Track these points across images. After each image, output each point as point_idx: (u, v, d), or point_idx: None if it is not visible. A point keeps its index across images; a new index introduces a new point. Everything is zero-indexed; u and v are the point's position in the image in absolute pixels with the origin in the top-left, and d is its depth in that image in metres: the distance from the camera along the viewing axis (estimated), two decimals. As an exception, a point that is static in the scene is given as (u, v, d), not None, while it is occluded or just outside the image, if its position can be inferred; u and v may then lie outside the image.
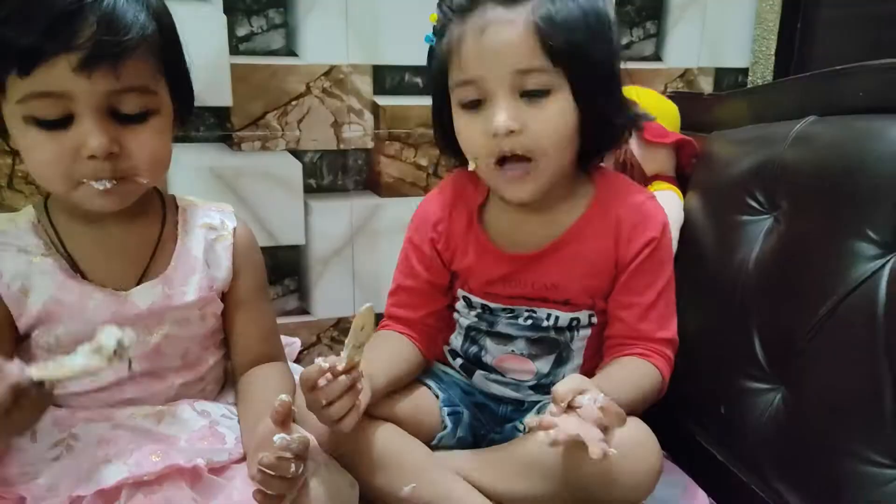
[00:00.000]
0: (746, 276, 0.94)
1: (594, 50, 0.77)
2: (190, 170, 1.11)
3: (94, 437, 0.73)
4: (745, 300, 0.94)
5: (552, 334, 0.90)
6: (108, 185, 0.71)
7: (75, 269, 0.77)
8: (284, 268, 1.20)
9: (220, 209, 0.88)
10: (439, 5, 0.82)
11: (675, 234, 1.07)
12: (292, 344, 1.12)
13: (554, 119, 0.78)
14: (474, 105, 0.79)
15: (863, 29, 1.19)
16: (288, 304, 1.22)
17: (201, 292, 0.81)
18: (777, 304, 0.89)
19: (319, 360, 0.71)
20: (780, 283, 0.89)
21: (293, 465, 0.66)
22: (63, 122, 0.69)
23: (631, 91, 0.87)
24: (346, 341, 0.71)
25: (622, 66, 0.83)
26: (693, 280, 1.05)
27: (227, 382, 0.91)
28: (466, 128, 0.81)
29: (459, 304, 0.94)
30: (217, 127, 1.12)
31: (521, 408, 0.94)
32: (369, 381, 0.77)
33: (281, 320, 1.18)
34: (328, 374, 0.70)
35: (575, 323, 0.89)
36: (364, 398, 0.75)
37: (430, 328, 0.95)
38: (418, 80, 1.18)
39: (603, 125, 0.81)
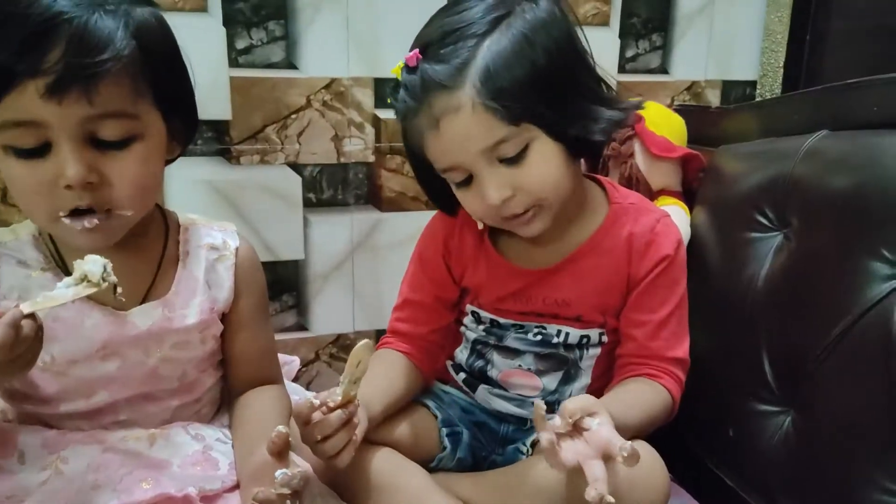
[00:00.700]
0: (755, 294, 0.92)
1: (554, 81, 0.74)
2: (187, 184, 1.09)
3: (85, 461, 0.71)
4: (754, 319, 0.91)
5: (561, 351, 0.88)
6: (89, 225, 0.67)
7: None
8: (283, 283, 1.18)
9: (222, 228, 0.86)
10: (390, 97, 0.81)
11: (681, 250, 1.05)
12: (291, 363, 1.11)
13: (542, 169, 0.76)
14: (465, 183, 0.79)
15: (875, 41, 1.17)
16: (286, 320, 1.21)
17: (202, 315, 0.79)
18: (787, 325, 0.87)
19: (311, 397, 0.69)
20: (791, 302, 0.87)
21: (289, 501, 0.64)
22: (40, 151, 0.65)
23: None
24: (342, 377, 0.70)
25: (627, 78, 0.81)
26: (700, 298, 1.02)
27: (222, 404, 0.89)
28: (465, 200, 0.81)
29: (467, 319, 0.93)
30: (215, 140, 1.10)
31: (523, 427, 0.92)
32: (365, 409, 0.75)
33: (279, 337, 1.17)
34: (323, 408, 0.69)
35: (585, 340, 0.88)
36: (360, 431, 0.73)
37: (433, 345, 0.93)
38: (420, 92, 1.16)
39: (589, 135, 0.77)
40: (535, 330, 0.88)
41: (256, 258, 0.87)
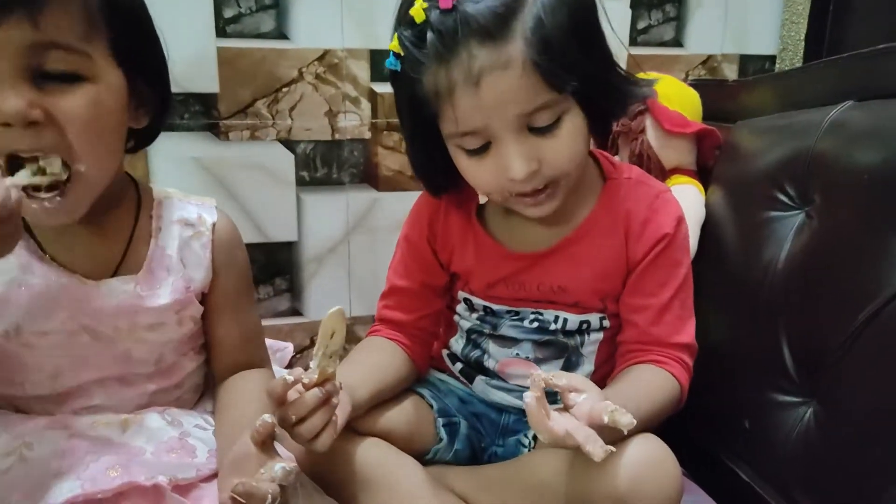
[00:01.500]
0: (774, 277, 0.87)
1: (593, 55, 0.70)
2: (173, 160, 1.05)
3: (50, 448, 0.67)
4: (773, 304, 0.86)
5: (560, 338, 0.84)
6: (52, 204, 0.62)
7: (42, 251, 0.71)
8: (276, 266, 1.14)
9: (199, 203, 0.81)
10: (400, 40, 0.70)
11: (695, 231, 1.01)
12: (284, 349, 1.07)
13: (569, 143, 0.71)
14: (480, 150, 0.72)
15: (903, 9, 1.10)
16: (280, 304, 1.16)
17: (176, 294, 0.75)
18: (809, 309, 0.82)
19: (285, 374, 0.64)
20: (813, 285, 0.82)
21: (271, 495, 0.60)
22: None
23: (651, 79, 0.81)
24: (315, 350, 0.64)
25: (639, 51, 0.76)
26: (715, 282, 0.98)
27: (206, 390, 0.85)
28: (475, 171, 0.74)
29: (460, 307, 0.89)
30: (203, 115, 1.05)
31: (524, 417, 0.86)
32: (350, 393, 0.71)
33: (272, 322, 1.13)
34: (299, 387, 0.63)
35: (585, 326, 0.83)
36: (342, 413, 0.68)
37: (425, 332, 0.89)
38: (419, 65, 1.10)
39: (616, 109, 0.76)
40: (532, 316, 0.84)
41: (237, 235, 0.82)
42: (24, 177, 0.61)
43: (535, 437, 0.84)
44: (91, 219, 0.69)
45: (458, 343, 0.90)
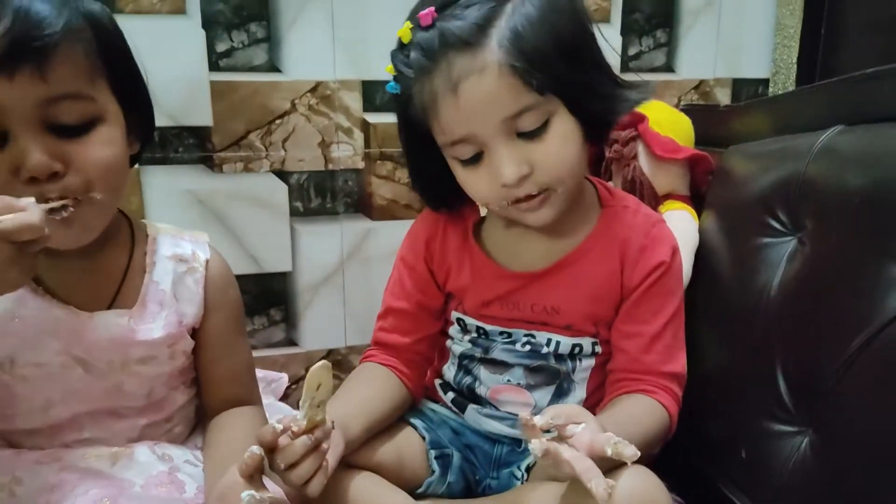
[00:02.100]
0: (768, 304, 0.85)
1: (578, 50, 0.70)
2: (168, 193, 1.05)
3: (40, 482, 0.68)
4: (768, 331, 0.85)
5: (552, 363, 0.83)
6: (65, 213, 0.64)
7: (37, 282, 0.71)
8: (270, 296, 1.14)
9: (193, 238, 0.82)
10: (393, 61, 0.74)
11: (689, 257, 1.00)
12: (279, 380, 1.07)
13: (560, 147, 0.72)
14: (473, 160, 0.73)
15: (895, 32, 1.10)
16: (274, 335, 1.16)
17: (169, 328, 0.75)
18: (803, 336, 0.80)
19: (274, 422, 0.64)
20: (806, 312, 0.80)
21: None
22: None
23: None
24: (301, 402, 0.64)
25: (630, 76, 0.78)
26: (709, 308, 0.97)
27: (198, 423, 0.85)
28: (471, 181, 0.75)
29: (453, 329, 0.88)
30: (196, 148, 1.06)
31: (517, 449, 0.86)
32: (343, 428, 0.71)
33: (267, 353, 1.12)
34: (288, 433, 0.63)
35: (577, 350, 0.83)
36: (333, 455, 0.68)
37: (420, 357, 0.89)
38: (411, 95, 1.11)
39: (608, 113, 0.75)
40: (524, 339, 0.83)
41: (229, 273, 0.83)
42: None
43: (527, 469, 0.82)
44: (86, 253, 0.71)
45: (450, 370, 0.90)
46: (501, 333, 0.84)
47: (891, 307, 0.69)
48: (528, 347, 0.83)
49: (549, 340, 0.82)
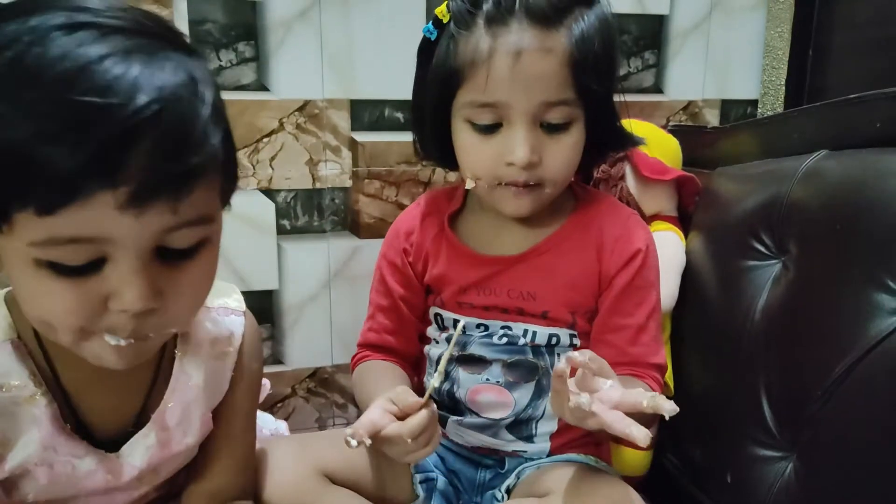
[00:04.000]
0: (753, 327, 0.85)
1: (612, 78, 0.77)
2: (154, 211, 1.04)
3: None
4: (752, 355, 0.85)
5: (530, 357, 0.82)
6: (123, 343, 0.53)
7: (70, 412, 0.62)
8: (257, 314, 1.07)
9: (227, 309, 0.70)
10: (451, 3, 0.76)
11: (675, 278, 1.00)
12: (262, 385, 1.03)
13: (569, 151, 0.76)
14: (489, 129, 0.75)
15: (883, 54, 1.10)
16: (260, 353, 1.14)
17: (204, 427, 0.67)
18: (786, 361, 0.80)
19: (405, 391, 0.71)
20: (790, 336, 0.80)
21: None
22: (91, 267, 0.49)
23: (629, 125, 0.83)
24: (437, 371, 0.70)
25: (617, 98, 0.80)
26: (695, 330, 0.97)
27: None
28: (475, 149, 0.77)
29: (431, 329, 0.89)
30: (183, 165, 1.05)
31: (500, 470, 0.86)
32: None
33: (253, 371, 1.11)
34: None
35: (555, 341, 0.82)
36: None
37: (412, 358, 0.91)
38: (399, 115, 1.11)
39: (604, 139, 0.81)
40: (501, 332, 0.83)
41: (260, 345, 0.75)
42: None
43: (507, 491, 0.82)
44: None
45: (429, 379, 0.89)
46: (479, 326, 0.84)
47: (873, 333, 0.69)
48: (504, 340, 0.83)
49: (526, 331, 0.82)
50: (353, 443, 0.64)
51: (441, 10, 0.76)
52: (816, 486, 0.74)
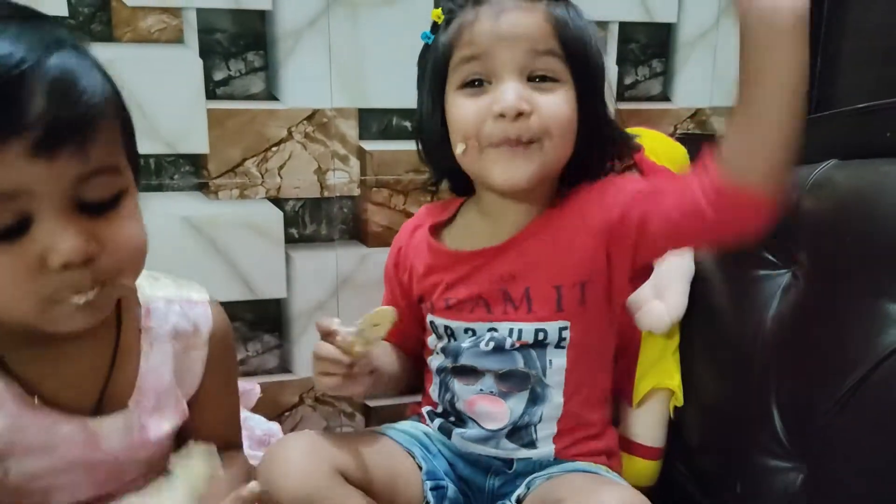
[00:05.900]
0: (763, 338, 0.85)
1: (594, 60, 0.80)
2: (163, 220, 1.05)
3: None
4: (763, 365, 0.84)
5: (521, 366, 0.82)
6: (90, 296, 0.56)
7: (30, 392, 0.63)
8: (265, 323, 1.13)
9: (190, 301, 0.74)
10: (443, 4, 0.80)
11: (685, 288, 0.99)
12: (250, 391, 1.03)
13: (562, 105, 0.77)
14: (477, 84, 0.77)
15: (891, 63, 1.10)
16: (268, 362, 1.15)
17: (178, 415, 0.72)
18: (797, 372, 0.80)
19: (336, 324, 0.76)
20: (801, 348, 0.80)
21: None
22: (17, 229, 0.52)
23: (636, 133, 0.85)
24: (358, 324, 0.73)
25: (626, 105, 0.82)
26: (706, 340, 0.97)
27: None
28: (464, 110, 0.78)
29: (431, 339, 0.89)
30: (192, 174, 1.06)
31: (508, 472, 0.85)
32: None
33: (261, 380, 1.12)
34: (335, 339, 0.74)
35: (542, 336, 0.81)
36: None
37: (418, 362, 0.93)
38: (407, 123, 1.12)
39: (597, 134, 0.81)
40: (488, 335, 0.83)
41: (230, 335, 0.77)
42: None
43: (518, 501, 0.82)
44: (74, 337, 0.61)
45: (434, 392, 0.90)
46: (466, 331, 0.84)
47: (884, 345, 0.69)
48: (492, 345, 0.82)
49: (511, 330, 0.82)
50: None
51: (436, 13, 0.81)
52: (827, 497, 0.74)
